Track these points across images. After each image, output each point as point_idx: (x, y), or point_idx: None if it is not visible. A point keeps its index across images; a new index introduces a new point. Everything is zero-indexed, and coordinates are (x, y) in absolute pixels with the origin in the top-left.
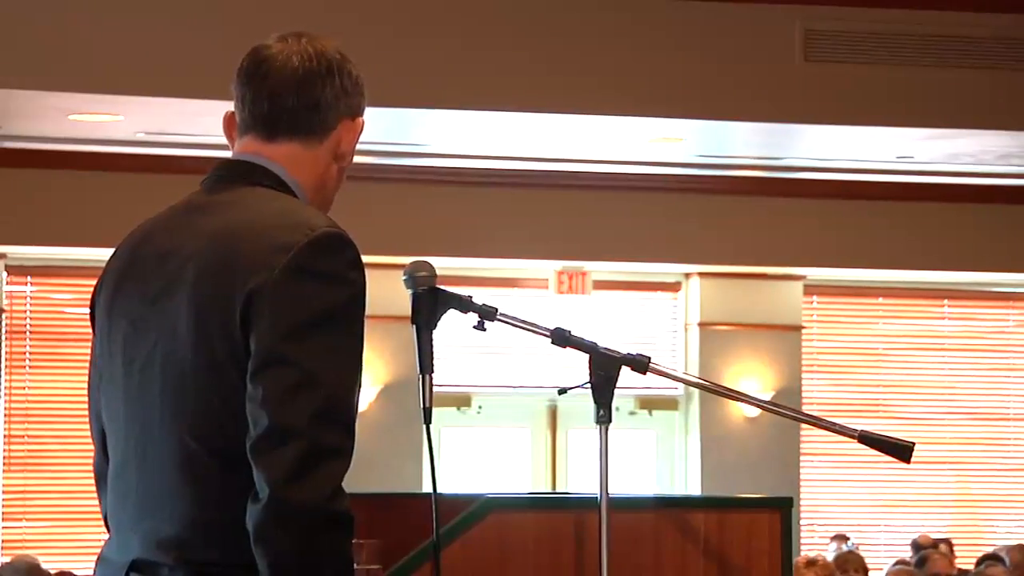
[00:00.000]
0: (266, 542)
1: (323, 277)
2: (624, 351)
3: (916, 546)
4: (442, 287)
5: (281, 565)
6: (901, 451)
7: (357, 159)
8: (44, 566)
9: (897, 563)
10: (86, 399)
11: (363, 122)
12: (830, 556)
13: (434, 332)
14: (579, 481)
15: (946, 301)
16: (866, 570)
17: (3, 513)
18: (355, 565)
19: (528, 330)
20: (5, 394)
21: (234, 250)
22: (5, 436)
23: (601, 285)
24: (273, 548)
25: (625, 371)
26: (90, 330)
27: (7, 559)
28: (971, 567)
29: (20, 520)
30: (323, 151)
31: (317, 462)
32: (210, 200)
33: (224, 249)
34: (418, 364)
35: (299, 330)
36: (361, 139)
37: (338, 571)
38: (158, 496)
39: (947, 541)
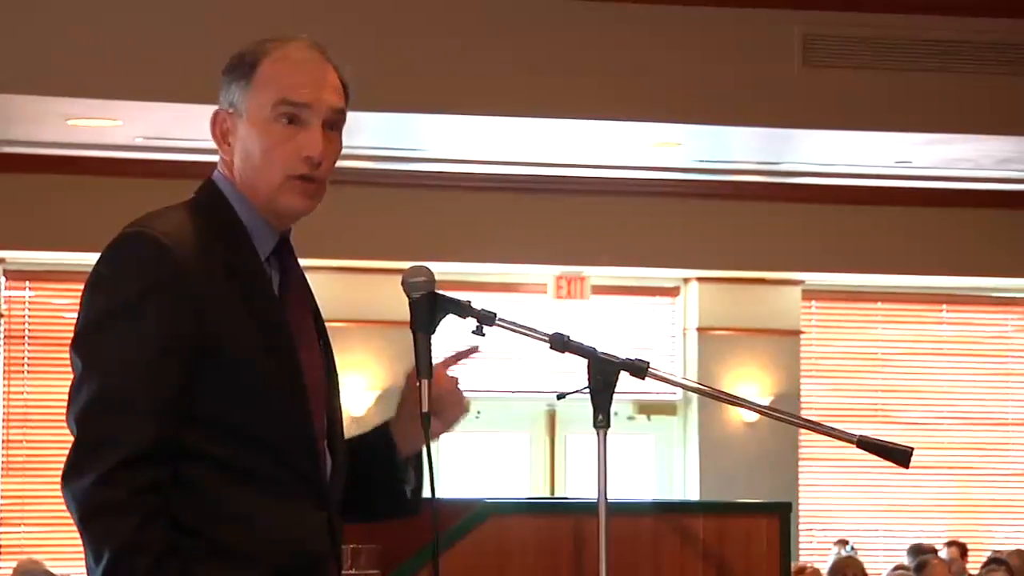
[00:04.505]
0: None
1: (107, 277)
2: (623, 356)
3: (915, 551)
4: (441, 292)
5: (84, 548)
6: (900, 456)
7: (356, 164)
8: None
9: (896, 568)
10: None
11: (238, 107)
12: (831, 560)
13: (433, 337)
14: (578, 486)
15: (945, 306)
16: (865, 575)
17: (1, 518)
18: (352, 570)
19: (527, 335)
20: (4, 399)
21: None
22: (4, 441)
23: (600, 290)
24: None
25: (624, 376)
26: None
27: (8, 563)
28: (972, 571)
29: (19, 525)
30: (223, 150)
31: (85, 454)
32: None
33: None
34: (416, 369)
35: (84, 331)
36: (359, 143)
37: (116, 555)
38: None
39: (960, 544)
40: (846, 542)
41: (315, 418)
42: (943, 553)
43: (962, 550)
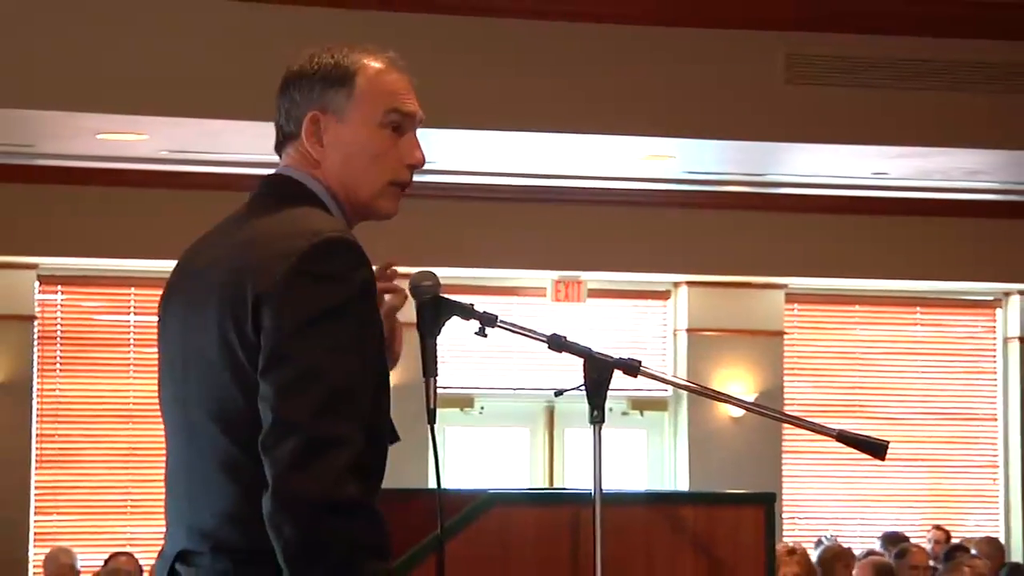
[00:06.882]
0: (275, 530)
1: (322, 278)
2: (616, 355)
3: (889, 539)
4: (445, 296)
5: (289, 552)
6: (876, 449)
7: None
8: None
9: (868, 554)
10: (125, 402)
11: (349, 115)
12: (814, 555)
13: (438, 338)
14: (575, 477)
15: (918, 308)
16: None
17: (36, 507)
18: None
19: (527, 336)
20: (37, 396)
21: (248, 258)
22: (37, 435)
23: (595, 293)
24: (281, 536)
25: (617, 374)
26: (117, 335)
27: (42, 549)
28: None
29: (52, 514)
30: (307, 146)
31: (317, 453)
32: (246, 213)
33: (241, 258)
34: (423, 368)
35: (300, 328)
36: None
37: (342, 556)
38: (201, 491)
39: (944, 529)
40: (821, 542)
41: None
42: (927, 538)
43: (947, 535)
